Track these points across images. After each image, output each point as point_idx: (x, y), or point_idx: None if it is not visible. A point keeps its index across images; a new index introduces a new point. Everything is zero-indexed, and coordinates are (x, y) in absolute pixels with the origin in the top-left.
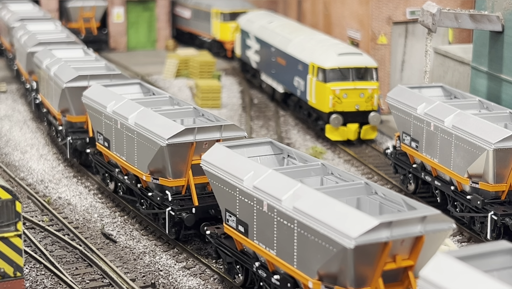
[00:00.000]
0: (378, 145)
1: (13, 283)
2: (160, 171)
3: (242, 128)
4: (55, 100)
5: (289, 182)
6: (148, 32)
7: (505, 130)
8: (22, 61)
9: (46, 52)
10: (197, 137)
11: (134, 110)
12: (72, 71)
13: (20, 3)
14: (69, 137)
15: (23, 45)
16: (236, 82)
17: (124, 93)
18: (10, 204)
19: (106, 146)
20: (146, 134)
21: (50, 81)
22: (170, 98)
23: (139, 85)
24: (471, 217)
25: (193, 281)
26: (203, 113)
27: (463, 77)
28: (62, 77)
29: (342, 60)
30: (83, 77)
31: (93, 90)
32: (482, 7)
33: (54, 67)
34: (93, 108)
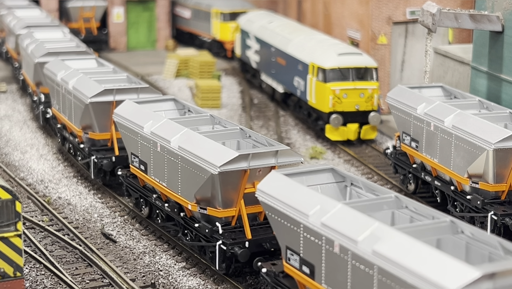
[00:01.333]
0: (378, 144)
1: (13, 283)
2: (209, 200)
3: (299, 154)
4: (75, 116)
5: (364, 220)
6: (148, 32)
7: (505, 130)
8: (29, 71)
9: (58, 63)
10: (251, 164)
11: (176, 132)
12: (95, 84)
13: (27, 8)
14: (93, 157)
15: (31, 55)
16: (236, 82)
17: (159, 110)
18: (10, 204)
19: (142, 170)
20: (193, 160)
21: (68, 95)
22: (211, 117)
23: (174, 101)
24: (471, 217)
25: (193, 281)
26: (249, 134)
27: (463, 77)
28: (84, 91)
29: (342, 60)
30: (108, 92)
31: (126, 107)
32: (482, 7)
33: (72, 80)
34: (127, 127)
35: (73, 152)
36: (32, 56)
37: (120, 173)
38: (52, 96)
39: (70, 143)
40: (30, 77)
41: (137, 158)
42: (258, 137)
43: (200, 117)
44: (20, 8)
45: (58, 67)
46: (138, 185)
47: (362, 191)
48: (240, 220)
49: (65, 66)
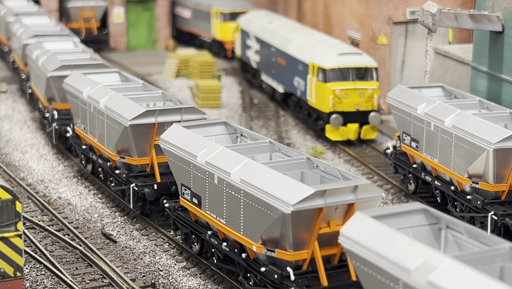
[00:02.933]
0: (378, 144)
1: (13, 283)
2: (277, 241)
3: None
4: (109, 139)
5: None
6: (148, 32)
7: (505, 130)
8: (39, 85)
9: (81, 78)
10: (328, 201)
11: (236, 162)
12: (134, 105)
13: (35, 15)
14: (133, 184)
15: (42, 67)
16: (236, 82)
17: (209, 135)
18: (10, 204)
19: (195, 203)
20: (260, 196)
21: (99, 115)
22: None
23: (225, 125)
24: (471, 217)
25: (193, 281)
26: (317, 164)
27: (463, 77)
28: (122, 112)
29: (342, 60)
30: (150, 113)
31: (174, 132)
32: (482, 7)
33: (103, 98)
34: (177, 156)
35: (103, 176)
36: (44, 70)
37: (167, 205)
38: (76, 115)
39: (100, 167)
40: (41, 91)
41: (188, 189)
42: (327, 167)
43: (257, 144)
44: (28, 15)
45: (81, 83)
46: (189, 219)
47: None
48: (312, 263)
49: (89, 81)
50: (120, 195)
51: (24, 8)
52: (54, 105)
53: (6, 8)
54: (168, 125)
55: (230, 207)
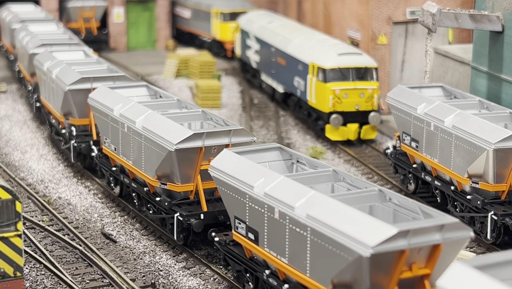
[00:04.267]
0: (378, 144)
1: (13, 283)
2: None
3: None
4: (149, 164)
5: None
6: (148, 32)
7: (505, 130)
8: (54, 99)
9: (107, 93)
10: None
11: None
12: (178, 127)
13: (42, 22)
14: (177, 214)
15: (57, 80)
16: (236, 82)
17: (262, 161)
18: (10, 204)
19: (252, 239)
20: (332, 236)
21: (136, 137)
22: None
23: (279, 150)
24: (471, 217)
25: (193, 281)
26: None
27: (463, 77)
28: (166, 135)
29: (342, 60)
30: (197, 136)
31: (225, 159)
32: (482, 7)
33: (139, 117)
34: (230, 186)
35: (137, 202)
36: (60, 83)
37: (217, 239)
38: (104, 134)
39: (134, 192)
40: (55, 106)
41: (243, 223)
42: (403, 201)
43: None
44: (34, 21)
45: (110, 98)
46: (243, 256)
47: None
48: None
49: (119, 97)
50: (159, 223)
51: (30, 14)
52: (71, 121)
53: (11, 14)
54: (215, 149)
55: (294, 245)
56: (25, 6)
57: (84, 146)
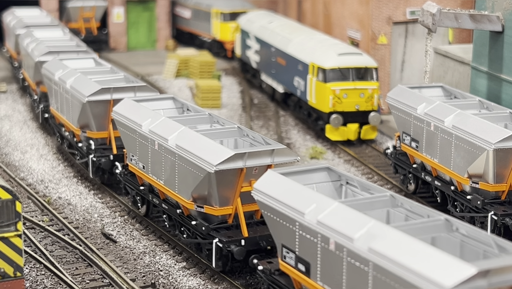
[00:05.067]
0: (378, 145)
1: (13, 283)
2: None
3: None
4: (184, 185)
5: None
6: (148, 32)
7: (505, 130)
8: (69, 111)
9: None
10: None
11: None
12: (217, 146)
13: (47, 28)
14: (216, 240)
15: (72, 91)
16: (236, 82)
17: (309, 182)
18: (10, 204)
19: (302, 270)
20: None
21: (169, 156)
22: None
23: (327, 171)
24: (471, 217)
25: (193, 281)
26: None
27: (463, 77)
28: (204, 155)
29: (342, 60)
30: (238, 156)
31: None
32: (482, 7)
33: (172, 134)
34: (277, 212)
35: (169, 225)
36: (77, 94)
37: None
38: (130, 150)
39: (165, 213)
40: (70, 118)
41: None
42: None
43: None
44: (40, 27)
45: (137, 112)
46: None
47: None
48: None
49: (147, 111)
50: (193, 248)
51: (35, 19)
52: (89, 134)
53: (16, 18)
54: (256, 170)
55: (352, 280)
56: (30, 11)
57: (105, 161)
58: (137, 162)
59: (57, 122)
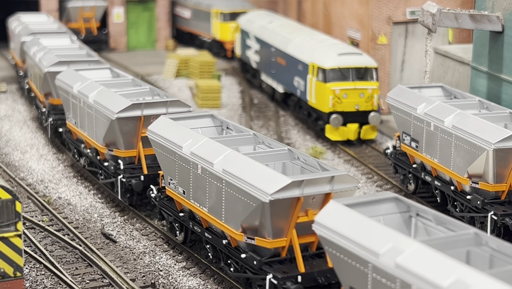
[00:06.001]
0: (378, 144)
1: (13, 283)
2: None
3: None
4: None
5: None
6: (148, 32)
7: (505, 130)
8: (92, 128)
9: (170, 125)
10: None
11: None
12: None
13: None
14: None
15: (98, 106)
16: (236, 82)
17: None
18: (10, 204)
19: None
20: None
21: (214, 181)
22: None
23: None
24: (471, 217)
25: (193, 281)
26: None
27: (463, 77)
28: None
29: (342, 60)
30: (296, 184)
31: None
32: (482, 7)
33: (217, 158)
34: (345, 250)
35: (212, 255)
36: (104, 110)
37: None
38: (169, 173)
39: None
40: (95, 135)
41: None
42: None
43: (458, 236)
44: (46, 34)
45: (176, 132)
46: None
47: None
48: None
49: (186, 131)
50: (241, 282)
51: (42, 25)
52: (116, 153)
53: (21, 24)
54: (313, 199)
55: None
56: (37, 16)
57: (136, 183)
58: (176, 186)
59: (75, 138)
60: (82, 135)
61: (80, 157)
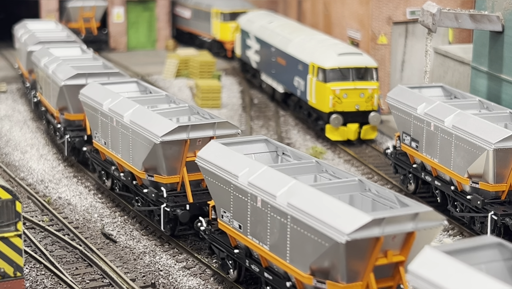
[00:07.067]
0: (378, 144)
1: (13, 283)
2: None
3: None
4: (302, 255)
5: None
6: (148, 32)
7: (505, 130)
8: (127, 150)
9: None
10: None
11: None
12: (350, 210)
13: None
14: None
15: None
16: (236, 82)
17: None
18: (10, 204)
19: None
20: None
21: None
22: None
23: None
24: (471, 217)
25: (193, 281)
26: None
27: (463, 77)
28: (334, 222)
29: (342, 60)
30: (376, 223)
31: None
32: (482, 7)
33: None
34: None
35: None
36: (144, 132)
37: None
38: (222, 205)
39: None
40: (130, 159)
41: None
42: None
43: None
44: (55, 43)
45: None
46: None
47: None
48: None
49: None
50: None
51: (49, 33)
52: (157, 178)
53: (28, 33)
54: (394, 238)
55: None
56: (44, 23)
57: (182, 213)
58: (231, 220)
59: (103, 159)
60: (114, 157)
61: (107, 179)
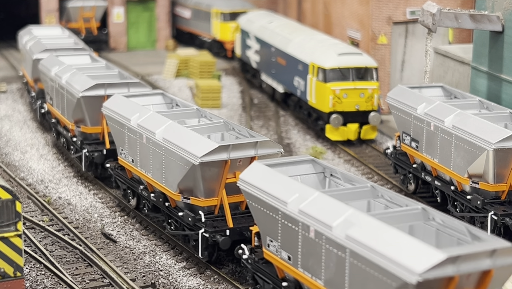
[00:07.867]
0: (378, 144)
1: (13, 283)
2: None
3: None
4: None
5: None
6: (148, 32)
7: (505, 130)
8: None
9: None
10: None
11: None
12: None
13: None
14: None
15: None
16: (236, 82)
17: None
18: (10, 204)
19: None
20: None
21: (354, 259)
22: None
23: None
24: (471, 217)
25: (193, 281)
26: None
27: (463, 77)
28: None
29: (342, 60)
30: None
31: None
32: (482, 7)
33: (357, 231)
34: None
35: None
36: (181, 152)
37: None
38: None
39: None
40: (163, 180)
41: None
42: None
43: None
44: (63, 51)
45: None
46: None
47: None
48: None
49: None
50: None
51: (56, 40)
52: (193, 201)
53: (33, 39)
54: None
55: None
56: (50, 29)
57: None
58: (279, 250)
59: (129, 177)
60: (143, 176)
61: (132, 197)
